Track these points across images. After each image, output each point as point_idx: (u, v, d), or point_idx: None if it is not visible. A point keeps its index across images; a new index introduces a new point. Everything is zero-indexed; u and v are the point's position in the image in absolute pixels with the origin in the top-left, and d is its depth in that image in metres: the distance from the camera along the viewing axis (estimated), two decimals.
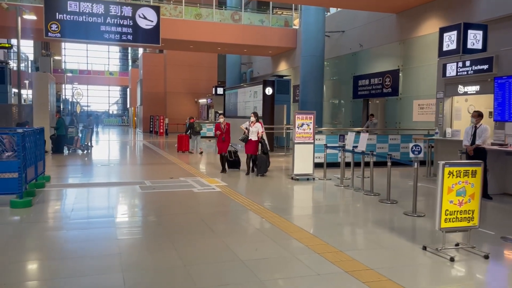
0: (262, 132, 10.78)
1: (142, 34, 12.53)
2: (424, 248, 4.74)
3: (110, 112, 64.87)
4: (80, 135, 16.53)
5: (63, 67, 51.29)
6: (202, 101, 33.16)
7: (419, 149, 6.38)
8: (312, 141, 9.99)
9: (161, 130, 29.76)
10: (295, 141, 9.85)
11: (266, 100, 17.35)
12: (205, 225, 5.70)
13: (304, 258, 4.41)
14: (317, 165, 11.71)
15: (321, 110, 20.44)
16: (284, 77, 19.31)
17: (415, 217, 6.31)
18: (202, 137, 25.49)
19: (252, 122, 10.76)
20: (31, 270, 4.22)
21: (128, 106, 52.36)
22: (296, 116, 9.79)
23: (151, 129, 33.37)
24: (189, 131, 16.83)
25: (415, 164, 6.41)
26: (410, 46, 16.47)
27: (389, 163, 7.40)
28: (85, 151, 16.05)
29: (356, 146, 9.34)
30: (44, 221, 6.06)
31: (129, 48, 53.83)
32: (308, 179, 9.88)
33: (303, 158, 9.91)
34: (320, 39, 20.07)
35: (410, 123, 16.19)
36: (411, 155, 6.42)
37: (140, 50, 39.55)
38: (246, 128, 10.77)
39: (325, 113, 21.49)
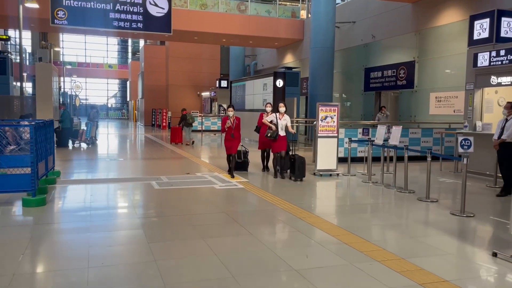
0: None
1: (153, 22, 11.91)
2: (494, 254, 4.23)
3: (109, 105, 64.07)
4: (85, 128, 15.94)
5: (61, 60, 50.50)
6: (205, 94, 32.55)
7: (469, 143, 5.86)
8: (336, 134, 9.45)
9: (164, 124, 29.16)
10: (318, 134, 9.31)
11: (277, 93, 16.78)
12: (241, 227, 5.18)
13: (365, 267, 3.89)
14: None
15: None
16: (293, 69, 18.72)
17: (464, 217, 5.80)
18: (206, 131, 25.07)
19: (268, 113, 9.44)
20: (70, 283, 3.68)
21: (128, 99, 51.64)
22: (320, 108, 9.25)
23: (153, 122, 32.77)
24: (181, 123, 17.11)
25: (465, 159, 5.90)
26: (426, 37, 15.92)
27: (429, 158, 6.88)
28: (90, 145, 15.48)
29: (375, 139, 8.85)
30: (62, 222, 5.52)
31: (129, 40, 53.11)
32: (331, 175, 9.35)
33: (326, 153, 9.38)
34: (330, 30, 19.47)
35: (427, 116, 15.69)
36: (460, 150, 5.90)
37: (141, 43, 38.85)
38: (272, 122, 8.97)
39: None
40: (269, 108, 9.46)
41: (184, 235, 4.82)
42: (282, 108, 9.10)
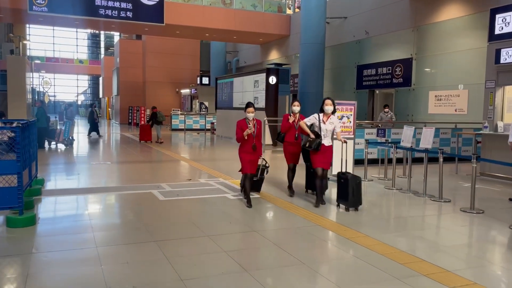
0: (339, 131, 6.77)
1: (144, 11, 10.77)
2: None
3: (79, 102, 61.65)
4: (62, 127, 14.61)
5: (28, 54, 48.02)
6: (185, 91, 31.33)
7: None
8: (353, 136, 8.66)
9: (142, 122, 27.79)
10: (334, 136, 8.47)
11: (270, 90, 15.91)
12: (286, 253, 4.27)
13: None
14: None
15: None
16: (284, 66, 17.87)
17: None
18: (188, 129, 23.96)
19: (293, 114, 7.12)
20: None
21: (100, 96, 49.65)
22: (337, 106, 8.40)
23: (130, 120, 31.30)
24: (151, 121, 16.78)
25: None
26: (425, 33, 15.37)
27: (474, 165, 6.13)
28: (69, 146, 14.19)
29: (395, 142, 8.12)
30: (62, 249, 4.40)
31: (102, 35, 51.08)
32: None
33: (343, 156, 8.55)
34: (322, 25, 18.74)
35: (425, 115, 15.16)
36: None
37: (116, 37, 37.20)
38: (312, 126, 6.53)
39: None
40: (297, 108, 7.19)
41: (223, 267, 3.86)
42: (329, 107, 6.43)
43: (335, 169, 8.53)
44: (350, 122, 8.57)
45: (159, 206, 6.18)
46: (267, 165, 7.13)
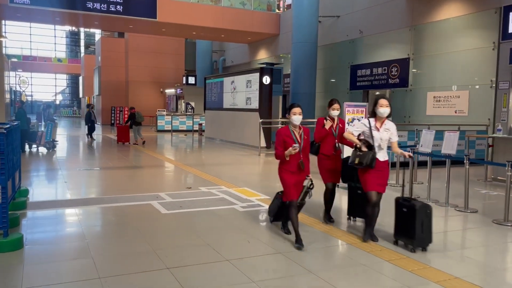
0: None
1: (135, 5, 9.97)
2: None
3: (57, 102, 59.89)
4: (44, 129, 13.70)
5: (4, 52, 46.27)
6: (170, 91, 30.46)
7: None
8: None
9: (118, 122, 26.81)
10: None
11: (264, 91, 15.29)
12: (321, 281, 3.66)
13: None
14: None
15: (314, 102, 18.70)
16: (276, 65, 17.28)
17: None
18: (175, 131, 23.18)
19: (329, 119, 5.65)
20: None
21: (80, 96, 48.21)
22: (346, 109, 7.86)
23: (113, 121, 30.25)
24: (129, 122, 16.37)
25: None
26: (423, 33, 14.98)
27: (509, 173, 5.63)
28: (51, 149, 13.30)
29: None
30: (63, 282, 3.67)
31: (82, 33, 49.65)
32: None
33: None
34: (314, 24, 18.24)
35: (423, 117, 14.77)
36: None
37: (97, 36, 36.05)
38: (361, 135, 5.03)
39: (317, 106, 19.73)
40: (335, 112, 5.65)
41: None
42: (385, 109, 4.78)
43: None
44: None
45: (163, 221, 5.49)
46: (311, 186, 5.00)
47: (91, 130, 17.65)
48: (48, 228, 5.20)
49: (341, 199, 6.79)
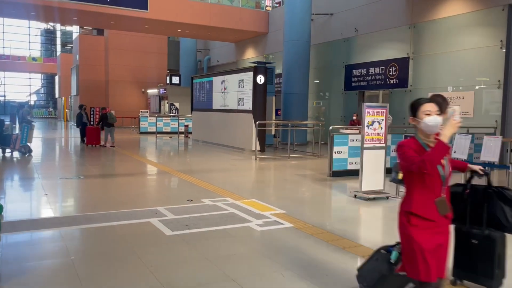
0: None
1: None
2: None
3: (32, 102, 57.67)
4: (18, 132, 12.48)
5: None
6: (152, 91, 29.26)
7: None
8: (384, 145, 7.31)
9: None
10: (365, 145, 7.11)
11: (258, 91, 14.38)
12: None
13: None
14: (348, 173, 9.28)
15: (307, 104, 17.95)
16: (268, 64, 16.41)
17: None
18: (160, 133, 22.09)
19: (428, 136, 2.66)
20: None
21: (57, 96, 46.37)
22: (366, 110, 7.05)
23: (92, 122, 28.81)
24: (101, 123, 15.47)
25: None
26: (423, 31, 14.36)
27: None
28: (27, 154, 12.11)
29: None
30: None
31: (58, 31, 47.82)
32: (374, 198, 7.16)
33: (372, 169, 7.21)
34: (307, 21, 17.53)
35: None
36: None
37: (75, 34, 34.52)
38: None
39: (309, 107, 18.97)
40: (437, 120, 2.61)
41: None
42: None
43: (370, 185, 7.17)
44: (382, 128, 7.22)
45: (170, 246, 4.53)
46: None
47: (83, 133, 16.36)
48: (28, 259, 4.18)
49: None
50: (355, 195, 7.26)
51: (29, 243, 4.67)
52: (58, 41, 49.78)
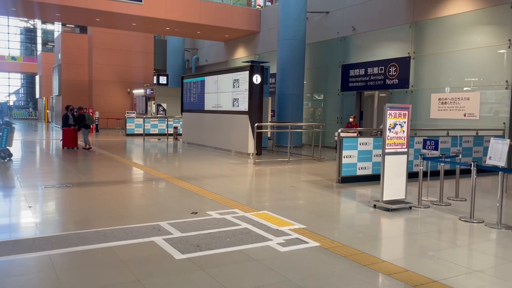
0: None
1: None
2: None
3: (11, 103, 55.82)
4: None
5: None
6: (138, 91, 28.29)
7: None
8: (406, 149, 6.68)
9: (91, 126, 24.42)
10: (386, 150, 6.47)
11: (254, 91, 13.68)
12: None
13: None
14: (358, 179, 8.70)
15: (302, 105, 17.34)
16: (262, 64, 15.73)
17: None
18: (147, 135, 21.23)
19: None
20: None
21: (37, 96, 44.86)
22: (388, 112, 6.41)
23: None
24: (77, 124, 14.63)
25: None
26: (425, 30, 13.87)
27: None
28: (7, 159, 11.18)
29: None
30: None
31: (39, 30, 46.40)
32: (411, 208, 6.52)
33: (394, 176, 6.57)
34: (302, 19, 16.93)
35: (427, 120, 13.66)
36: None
37: (56, 33, 33.31)
38: None
39: (304, 108, 18.36)
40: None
41: None
42: None
43: (390, 194, 6.53)
44: (404, 131, 6.59)
45: (183, 276, 3.78)
46: None
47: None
48: None
49: None
50: (375, 205, 6.62)
51: (9, 274, 3.87)
52: (39, 40, 48.31)
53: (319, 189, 8.18)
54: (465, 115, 12.61)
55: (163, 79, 25.60)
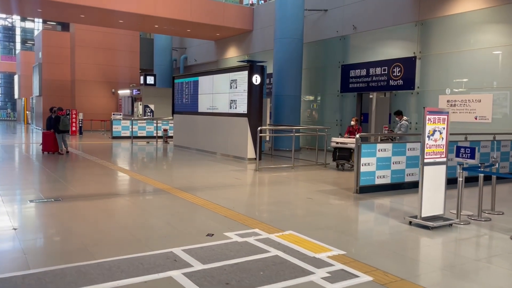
0: None
1: None
2: None
3: None
4: None
5: None
6: (123, 92, 27.16)
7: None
8: (445, 159, 5.96)
9: (74, 128, 23.30)
10: (425, 160, 5.73)
11: (254, 92, 12.88)
12: None
13: None
14: (376, 189, 8.02)
15: (300, 106, 16.60)
16: (259, 63, 14.91)
17: None
18: (135, 137, 20.25)
19: None
20: None
21: (16, 97, 43.14)
22: (427, 117, 5.67)
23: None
24: (56, 127, 13.33)
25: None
26: (432, 28, 13.27)
27: None
28: None
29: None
30: None
31: (18, 28, 44.73)
32: (451, 225, 5.78)
33: (431, 189, 5.84)
34: (300, 17, 16.23)
35: None
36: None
37: (36, 31, 31.89)
38: None
39: (302, 110, 17.62)
40: None
41: None
42: None
43: (429, 209, 5.80)
44: (443, 138, 5.87)
45: None
46: None
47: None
48: None
49: None
50: (410, 222, 5.88)
51: None
52: (18, 38, 46.63)
53: (338, 200, 7.42)
54: (476, 118, 12.04)
55: (150, 79, 24.57)
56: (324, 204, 7.16)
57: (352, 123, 12.39)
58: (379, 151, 8.23)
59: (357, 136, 8.21)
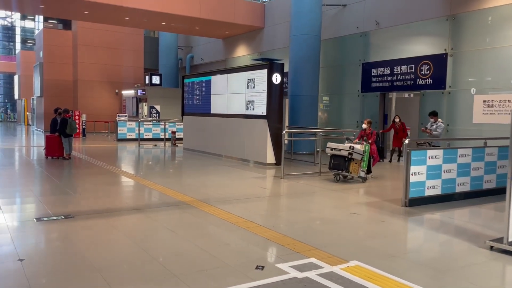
0: None
1: None
2: None
3: None
4: None
5: None
6: (128, 92, 26.22)
7: None
8: None
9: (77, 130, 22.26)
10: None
11: (274, 92, 11.95)
12: None
13: None
14: (427, 201, 7.10)
15: (317, 107, 15.66)
16: (275, 61, 13.95)
17: None
18: (142, 140, 19.35)
19: None
20: None
21: (16, 97, 42.18)
22: None
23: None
24: (62, 130, 12.48)
25: None
26: (465, 23, 12.34)
27: None
28: None
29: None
30: None
31: (17, 28, 43.76)
32: None
33: None
34: (317, 12, 15.31)
35: (468, 125, 12.13)
36: None
37: (36, 30, 30.94)
38: None
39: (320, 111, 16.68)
40: None
41: None
42: None
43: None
44: None
45: None
46: None
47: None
48: None
49: None
50: (491, 247, 4.94)
51: None
52: (18, 38, 45.69)
53: (388, 216, 6.47)
54: None
55: (156, 79, 23.66)
56: (375, 221, 6.22)
57: (364, 126, 10.20)
58: (429, 158, 7.29)
59: (406, 141, 7.27)
